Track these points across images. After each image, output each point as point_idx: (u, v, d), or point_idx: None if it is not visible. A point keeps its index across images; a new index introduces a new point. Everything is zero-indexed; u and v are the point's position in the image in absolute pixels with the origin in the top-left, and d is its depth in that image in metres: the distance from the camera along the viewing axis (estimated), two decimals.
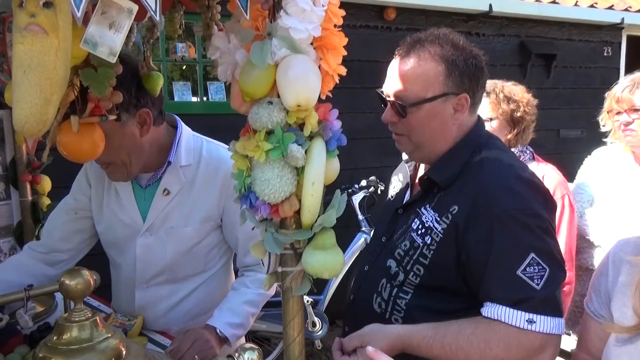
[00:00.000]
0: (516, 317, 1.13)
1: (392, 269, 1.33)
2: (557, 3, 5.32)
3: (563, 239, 1.96)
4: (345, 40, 0.99)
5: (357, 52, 4.11)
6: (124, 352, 1.14)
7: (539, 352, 1.15)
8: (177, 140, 1.57)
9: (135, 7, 0.83)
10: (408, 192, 1.46)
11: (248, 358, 1.01)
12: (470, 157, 1.29)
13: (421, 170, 1.46)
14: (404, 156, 1.52)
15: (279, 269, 1.03)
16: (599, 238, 2.11)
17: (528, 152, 2.11)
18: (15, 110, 0.66)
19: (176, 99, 4.18)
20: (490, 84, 2.11)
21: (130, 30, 1.55)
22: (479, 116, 1.39)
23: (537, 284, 1.14)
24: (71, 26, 0.68)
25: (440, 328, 1.18)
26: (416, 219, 1.31)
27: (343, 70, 1.01)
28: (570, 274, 1.97)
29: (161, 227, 1.58)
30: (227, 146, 1.03)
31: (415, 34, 1.34)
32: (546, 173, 2.03)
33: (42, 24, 0.64)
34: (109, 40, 0.75)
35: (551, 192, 1.99)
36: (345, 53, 1.00)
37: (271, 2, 0.90)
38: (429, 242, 1.26)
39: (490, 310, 1.16)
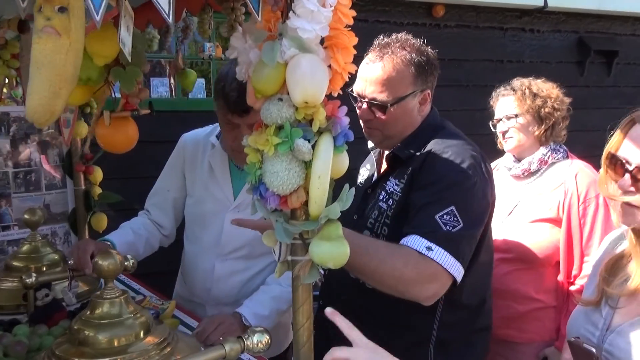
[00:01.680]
0: (419, 243, 1.34)
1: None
2: None
3: (597, 239, 1.88)
4: (355, 40, 1.03)
5: None
6: (150, 329, 1.23)
7: (431, 279, 1.32)
8: None
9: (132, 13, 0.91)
10: (375, 176, 1.68)
11: (257, 340, 1.07)
12: (430, 137, 1.53)
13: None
14: (369, 145, 1.75)
15: (289, 258, 1.08)
16: None
17: (562, 150, 2.03)
18: (27, 102, 0.78)
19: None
20: (517, 82, 2.06)
21: (167, 32, 1.66)
22: (432, 105, 1.62)
23: (446, 229, 1.34)
24: (84, 29, 0.77)
25: (366, 239, 1.41)
26: (382, 192, 1.56)
27: (353, 68, 1.04)
28: None
29: (249, 206, 1.74)
30: None
31: (380, 39, 1.56)
32: (579, 171, 1.95)
33: (56, 27, 0.73)
34: (128, 41, 0.83)
35: (584, 190, 1.94)
36: (355, 52, 1.04)
37: (282, 4, 0.95)
38: (390, 203, 1.51)
39: (405, 239, 1.37)
